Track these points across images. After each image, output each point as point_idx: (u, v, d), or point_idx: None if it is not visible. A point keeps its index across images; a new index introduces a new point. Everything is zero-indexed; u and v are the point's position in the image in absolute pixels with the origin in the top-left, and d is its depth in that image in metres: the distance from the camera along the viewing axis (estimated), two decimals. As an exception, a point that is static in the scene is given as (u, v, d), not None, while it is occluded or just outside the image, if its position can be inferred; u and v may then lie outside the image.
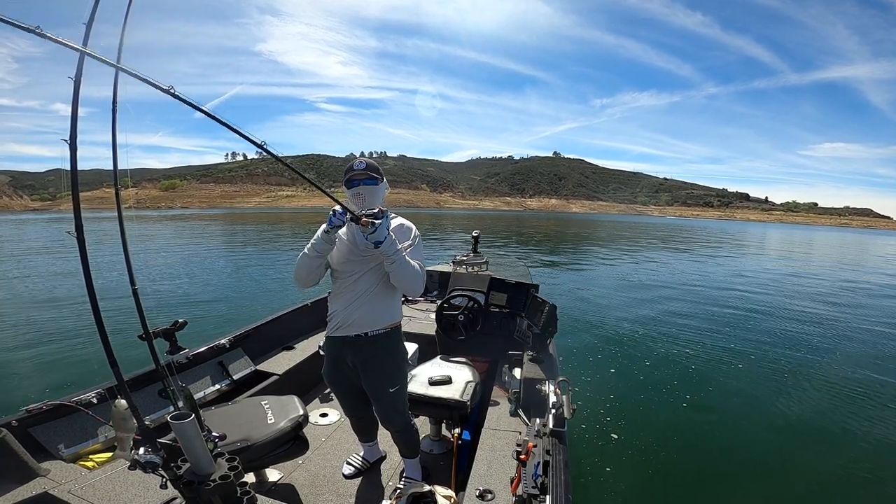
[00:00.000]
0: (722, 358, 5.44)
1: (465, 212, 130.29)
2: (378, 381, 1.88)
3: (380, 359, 1.86)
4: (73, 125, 1.13)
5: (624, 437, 3.47)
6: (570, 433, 1.83)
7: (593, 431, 3.53)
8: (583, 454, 3.18)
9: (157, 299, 8.29)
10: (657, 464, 3.15)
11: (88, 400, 1.99)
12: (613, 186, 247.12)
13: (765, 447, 3.47)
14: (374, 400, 1.95)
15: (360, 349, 1.84)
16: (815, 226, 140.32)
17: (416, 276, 1.72)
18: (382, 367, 1.87)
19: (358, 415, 2.13)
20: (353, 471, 2.22)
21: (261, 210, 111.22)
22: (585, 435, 3.45)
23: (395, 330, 1.92)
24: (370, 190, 1.77)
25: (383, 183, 1.85)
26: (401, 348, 1.97)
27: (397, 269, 1.68)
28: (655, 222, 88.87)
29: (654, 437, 3.48)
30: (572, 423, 1.83)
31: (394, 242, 1.65)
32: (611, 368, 4.94)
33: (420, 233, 1.89)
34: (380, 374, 1.87)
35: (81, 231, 1.15)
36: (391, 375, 1.89)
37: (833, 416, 4.02)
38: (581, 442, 3.35)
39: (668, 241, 29.81)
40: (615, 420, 3.72)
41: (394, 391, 1.89)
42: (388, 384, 1.88)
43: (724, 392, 4.43)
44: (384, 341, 1.86)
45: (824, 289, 11.57)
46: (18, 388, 4.33)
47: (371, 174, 1.78)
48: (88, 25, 1.15)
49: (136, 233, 23.00)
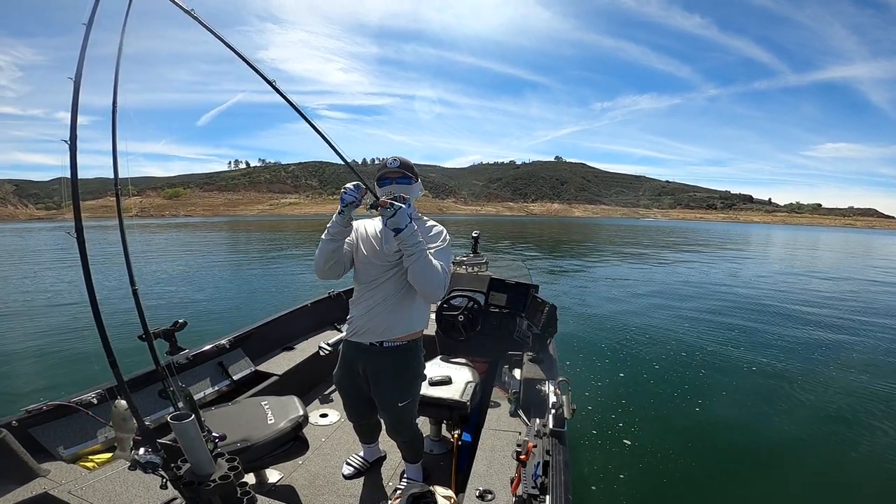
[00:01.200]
0: (722, 358, 5.44)
1: (467, 217, 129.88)
2: (388, 393, 1.81)
3: (392, 372, 1.79)
4: (72, 126, 1.14)
5: (624, 438, 3.47)
6: (570, 433, 1.83)
7: (593, 431, 3.53)
8: (583, 454, 3.18)
9: (157, 300, 8.31)
10: (657, 464, 3.15)
11: (88, 400, 1.99)
12: (616, 190, 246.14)
13: (765, 448, 3.46)
14: (382, 410, 1.90)
15: (373, 359, 1.78)
16: (820, 227, 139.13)
17: (436, 275, 1.58)
18: (394, 381, 1.80)
19: (361, 421, 2.09)
20: (353, 471, 2.21)
21: (264, 217, 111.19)
22: (585, 435, 3.45)
23: (413, 343, 1.83)
24: (403, 189, 1.68)
25: (418, 183, 1.77)
26: (417, 362, 1.87)
27: (416, 264, 1.56)
28: (658, 225, 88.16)
29: (655, 438, 3.48)
30: (572, 424, 1.83)
31: (415, 233, 1.54)
32: (611, 368, 4.95)
33: (449, 238, 1.77)
34: (391, 387, 1.80)
35: (81, 232, 1.15)
36: (402, 390, 1.82)
37: (833, 418, 4.02)
38: (581, 442, 3.35)
39: (668, 243, 29.77)
40: (615, 420, 3.72)
41: (403, 405, 1.82)
42: (398, 398, 1.81)
43: (724, 392, 4.43)
44: (399, 355, 1.78)
45: (828, 289, 11.47)
46: (19, 388, 4.34)
47: (405, 172, 1.71)
48: (88, 26, 1.16)
49: (140, 239, 23.28)
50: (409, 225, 1.52)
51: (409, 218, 1.52)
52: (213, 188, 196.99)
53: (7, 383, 4.45)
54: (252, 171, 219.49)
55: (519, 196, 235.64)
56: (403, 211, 1.49)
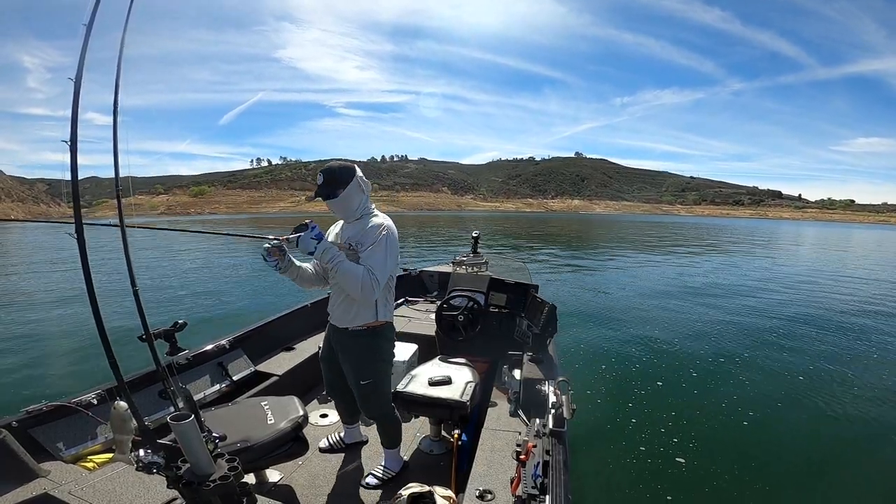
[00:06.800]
0: (724, 360, 5.43)
1: (485, 213, 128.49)
2: (351, 371, 2.02)
3: (355, 353, 1.99)
4: (73, 127, 1.14)
5: (624, 438, 3.47)
6: (570, 433, 1.83)
7: (593, 432, 3.52)
8: (583, 454, 3.18)
9: (157, 300, 8.31)
10: (657, 464, 3.15)
11: (89, 401, 1.99)
12: (638, 186, 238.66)
13: (766, 449, 3.46)
14: (351, 387, 2.07)
15: (342, 339, 2.01)
16: (852, 223, 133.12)
17: (354, 280, 1.76)
18: (357, 360, 1.99)
19: (337, 398, 2.27)
20: (328, 446, 2.39)
21: (286, 215, 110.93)
22: (585, 435, 3.44)
23: (376, 329, 1.99)
24: (335, 204, 1.86)
25: (349, 188, 1.85)
26: (381, 347, 2.02)
27: (336, 276, 1.81)
28: (682, 221, 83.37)
29: (655, 438, 3.48)
30: (572, 424, 1.83)
31: (327, 251, 1.73)
32: (611, 369, 4.94)
33: (388, 232, 1.87)
34: (354, 366, 2.00)
35: (82, 232, 1.15)
36: (363, 370, 1.99)
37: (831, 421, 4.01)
38: (581, 442, 3.34)
39: (686, 240, 29.33)
40: (615, 420, 3.72)
41: (365, 384, 1.99)
42: (360, 377, 1.99)
43: (724, 393, 4.42)
44: (364, 338, 1.97)
45: (851, 292, 10.60)
46: (19, 388, 4.34)
47: (327, 192, 1.84)
48: (88, 28, 1.16)
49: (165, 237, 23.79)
50: (318, 246, 1.71)
51: (314, 241, 1.71)
52: (236, 186, 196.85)
53: (7, 384, 4.45)
54: (274, 169, 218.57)
55: (538, 192, 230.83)
56: (304, 237, 1.70)
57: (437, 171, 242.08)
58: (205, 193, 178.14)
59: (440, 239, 24.31)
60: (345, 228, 1.99)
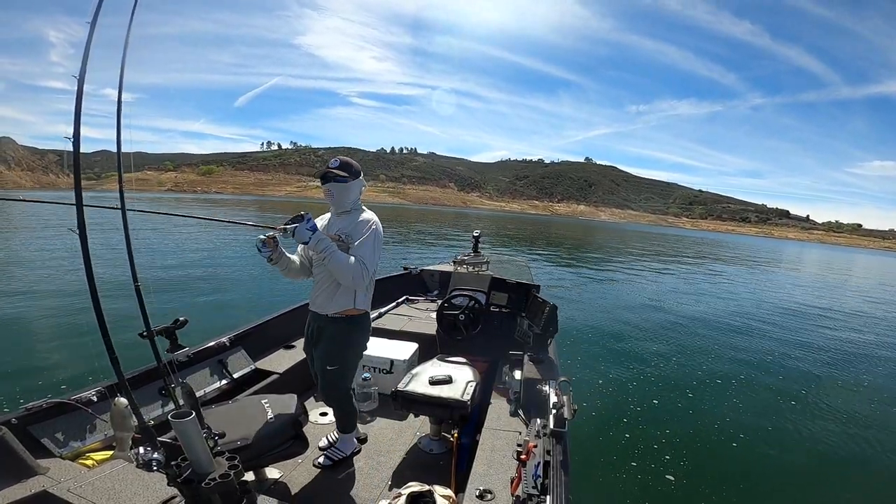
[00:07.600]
0: (724, 364, 5.44)
1: (490, 213, 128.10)
2: (321, 356, 2.10)
3: (327, 338, 2.08)
4: (76, 125, 1.14)
5: (624, 439, 3.46)
6: (570, 434, 1.83)
7: (594, 432, 3.52)
8: (583, 455, 3.18)
9: (157, 295, 8.29)
10: (657, 465, 3.15)
11: (88, 398, 1.98)
12: (645, 196, 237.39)
13: (764, 452, 3.47)
14: (318, 371, 2.14)
15: (319, 324, 2.12)
16: (857, 248, 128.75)
17: (346, 269, 1.87)
18: (327, 345, 2.08)
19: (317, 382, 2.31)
20: (327, 444, 2.37)
21: (291, 199, 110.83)
22: (586, 436, 3.44)
23: (352, 318, 2.07)
24: (338, 188, 1.98)
25: (357, 180, 2.02)
26: (352, 336, 2.10)
27: (329, 265, 1.89)
28: (684, 235, 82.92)
29: (655, 439, 3.48)
30: (572, 424, 1.82)
31: (320, 241, 1.84)
32: (612, 369, 4.94)
33: (376, 227, 2.01)
34: (324, 350, 2.09)
35: (84, 228, 1.15)
36: (332, 355, 2.07)
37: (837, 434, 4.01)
38: (581, 442, 3.34)
39: (687, 252, 29.44)
40: (616, 421, 3.72)
41: (332, 370, 2.07)
42: (328, 362, 2.07)
43: (725, 397, 4.43)
44: (337, 324, 2.06)
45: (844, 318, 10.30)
46: (18, 385, 4.34)
47: (338, 174, 1.95)
48: (92, 24, 1.15)
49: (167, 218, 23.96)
50: (312, 237, 1.83)
51: (309, 232, 1.83)
52: (244, 167, 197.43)
53: (6, 381, 4.45)
54: (283, 153, 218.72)
55: (545, 195, 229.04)
56: (300, 228, 1.82)
57: (445, 166, 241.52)
58: (213, 173, 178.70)
59: (433, 239, 24.13)
60: (333, 221, 2.09)
